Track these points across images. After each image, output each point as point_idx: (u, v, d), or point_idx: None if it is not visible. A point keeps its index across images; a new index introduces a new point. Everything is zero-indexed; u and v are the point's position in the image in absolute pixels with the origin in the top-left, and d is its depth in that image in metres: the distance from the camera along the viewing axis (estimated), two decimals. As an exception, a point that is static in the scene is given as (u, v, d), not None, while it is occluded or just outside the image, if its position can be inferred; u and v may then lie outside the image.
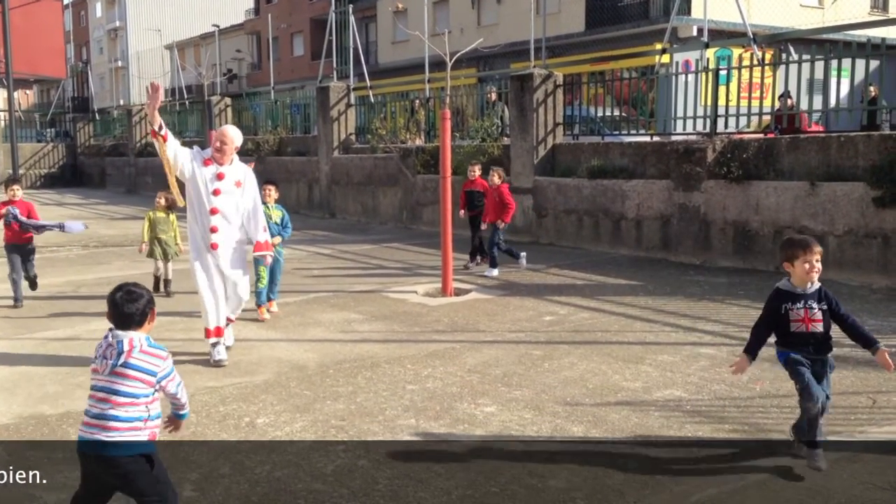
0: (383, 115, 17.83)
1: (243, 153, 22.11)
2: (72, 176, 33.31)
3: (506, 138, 14.53)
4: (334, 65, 20.45)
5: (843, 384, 5.67)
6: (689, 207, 11.05)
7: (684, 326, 7.46)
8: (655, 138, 12.78)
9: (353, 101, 18.87)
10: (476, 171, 11.04)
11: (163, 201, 9.43)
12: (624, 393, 5.59)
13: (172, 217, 9.47)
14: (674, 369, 6.12)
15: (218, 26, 31.33)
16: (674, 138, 12.13)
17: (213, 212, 6.44)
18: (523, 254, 10.82)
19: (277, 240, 8.10)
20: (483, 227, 10.80)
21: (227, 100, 24.35)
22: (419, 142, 16.67)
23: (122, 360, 3.32)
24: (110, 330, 3.41)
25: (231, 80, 48.59)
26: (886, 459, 4.37)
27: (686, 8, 25.10)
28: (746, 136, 11.26)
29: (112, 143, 31.69)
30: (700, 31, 22.02)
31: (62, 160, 33.67)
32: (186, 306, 8.35)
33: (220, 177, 6.45)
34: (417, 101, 17.58)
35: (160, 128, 6.15)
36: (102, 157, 31.98)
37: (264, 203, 7.73)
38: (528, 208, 13.57)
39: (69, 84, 48.16)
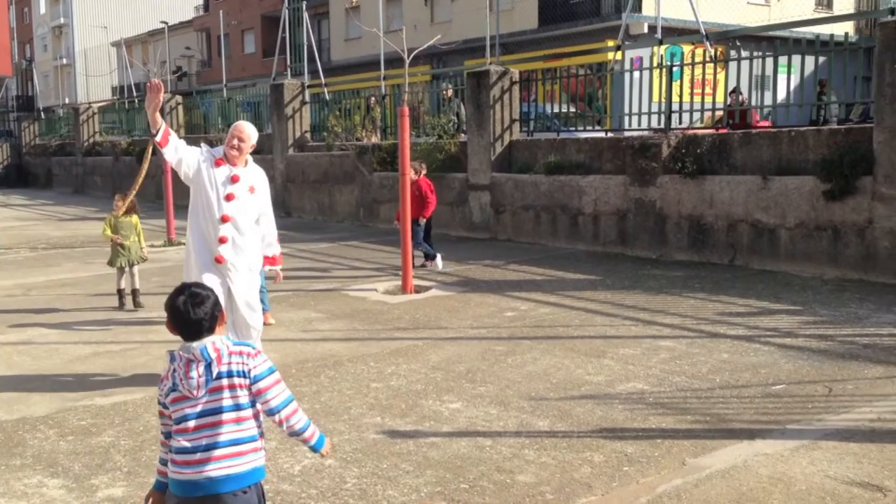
0: (338, 113, 17.71)
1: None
2: (17, 176, 32.54)
3: (462, 135, 14.54)
4: (288, 62, 20.25)
5: (800, 373, 5.80)
6: (645, 202, 11.18)
7: (644, 320, 7.55)
8: (610, 134, 12.90)
9: (307, 98, 18.72)
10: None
11: (121, 204, 8.71)
12: (587, 387, 5.63)
13: (134, 219, 8.74)
14: (635, 362, 6.18)
15: (167, 23, 30.75)
16: (628, 134, 12.26)
17: (225, 219, 5.61)
18: (440, 255, 10.62)
19: None
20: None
21: (178, 98, 23.96)
22: (375, 139, 16.60)
23: (216, 371, 2.75)
24: (180, 348, 2.81)
25: (181, 77, 47.85)
26: (844, 447, 4.47)
27: (637, 6, 25.38)
28: (700, 132, 11.42)
29: (59, 143, 31.01)
30: (651, 28, 22.32)
31: (6, 160, 32.89)
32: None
33: (234, 180, 5.63)
34: (373, 99, 17.50)
35: (157, 133, 5.41)
36: (48, 157, 31.28)
37: None
38: (485, 205, 13.60)
39: (12, 83, 46.94)
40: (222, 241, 5.61)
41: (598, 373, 5.95)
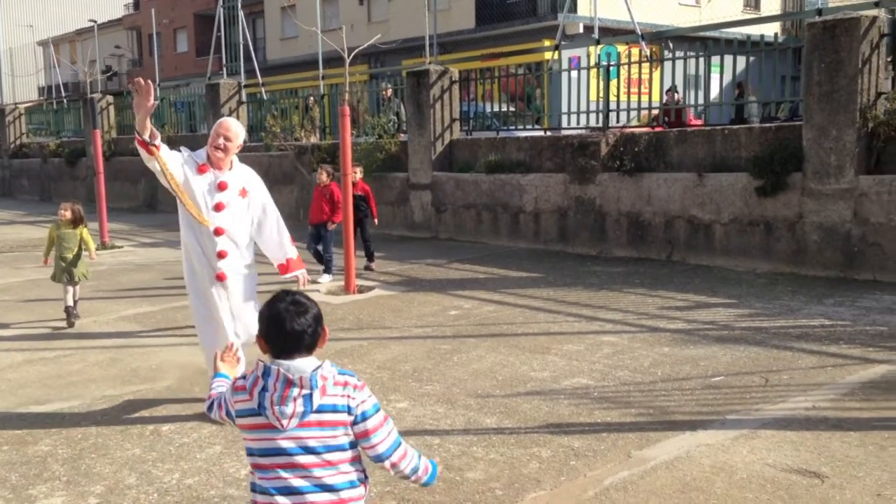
0: (276, 113, 17.51)
1: (126, 153, 21.51)
2: (-62, 180, 31.26)
3: (403, 135, 14.52)
4: (223, 61, 19.94)
5: (738, 365, 5.94)
6: (584, 200, 11.33)
7: (586, 316, 7.65)
8: (549, 133, 13.03)
9: (244, 98, 18.46)
10: (357, 173, 10.21)
11: (68, 214, 7.89)
12: (533, 383, 5.68)
13: (80, 231, 7.93)
14: (579, 358, 6.26)
15: (95, 22, 30.00)
16: (567, 133, 12.40)
17: (219, 232, 5.03)
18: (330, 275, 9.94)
19: None
20: (374, 225, 10.48)
21: (109, 98, 23.39)
22: (314, 139, 16.46)
23: (318, 402, 2.30)
24: (272, 361, 2.38)
25: (111, 77, 46.70)
26: (781, 435, 4.59)
27: (573, 6, 25.70)
28: (637, 130, 11.62)
29: (-17, 145, 29.93)
30: (587, 28, 22.62)
31: (-72, 163, 31.56)
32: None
33: (221, 187, 5.01)
34: (312, 98, 17.35)
35: (151, 137, 4.72)
36: (-28, 160, 30.15)
37: None
38: (426, 204, 13.60)
39: (-68, 82, 45.17)
40: (221, 255, 5.07)
41: (542, 369, 6.00)
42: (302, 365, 2.34)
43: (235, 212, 5.11)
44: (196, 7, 43.51)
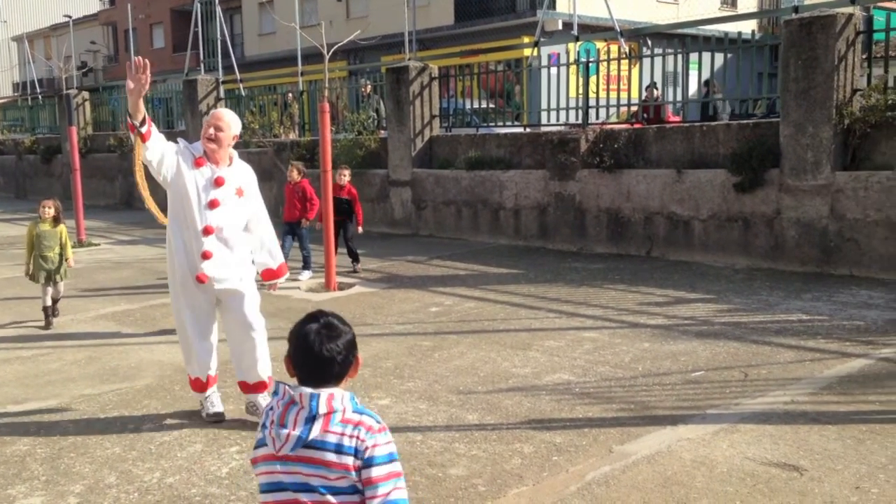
0: (255, 109, 17.41)
1: (103, 150, 21.31)
2: None
3: (383, 131, 14.49)
4: (201, 57, 19.79)
5: (717, 360, 5.99)
6: (564, 196, 11.36)
7: (567, 312, 7.68)
8: (529, 130, 13.05)
9: (222, 94, 18.33)
10: (345, 176, 10.04)
11: (52, 211, 7.63)
12: (515, 379, 5.69)
13: (60, 229, 7.71)
14: (560, 354, 6.28)
15: (70, 17, 29.67)
16: (546, 129, 12.42)
17: (208, 231, 4.68)
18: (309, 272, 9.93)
19: None
20: (359, 229, 10.23)
21: (85, 94, 23.15)
22: (293, 136, 16.38)
23: (315, 433, 2.07)
24: (292, 387, 2.16)
25: (86, 73, 46.22)
26: (761, 429, 4.63)
27: (552, 3, 25.75)
28: (616, 127, 11.67)
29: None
30: (566, 25, 22.68)
31: None
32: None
33: (217, 182, 4.69)
34: (291, 95, 17.26)
35: (143, 122, 4.44)
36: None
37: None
38: (406, 201, 13.58)
39: None
40: (206, 256, 4.69)
41: (524, 365, 6.01)
42: (318, 390, 2.11)
43: (229, 211, 4.77)
44: (173, 2, 43.15)
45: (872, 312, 7.23)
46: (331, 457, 2.06)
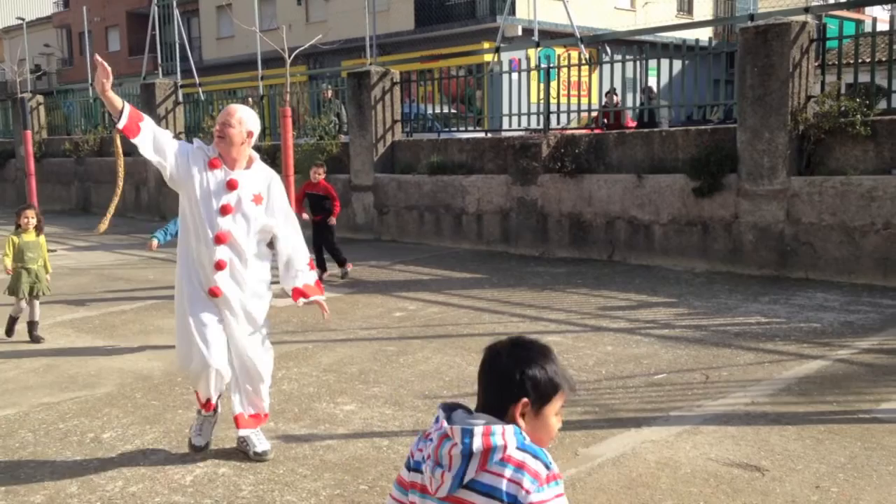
0: (214, 114, 17.24)
1: (58, 154, 20.92)
2: None
3: (344, 136, 14.44)
4: (158, 60, 19.56)
5: (679, 362, 6.07)
6: (527, 201, 11.43)
7: (530, 316, 7.72)
8: (490, 135, 13.11)
9: (180, 98, 18.13)
10: (320, 173, 10.01)
11: (33, 220, 7.19)
12: (480, 383, 5.69)
13: (42, 240, 7.30)
14: (525, 357, 6.29)
15: (24, 19, 29.10)
16: (508, 134, 12.50)
17: (220, 239, 4.19)
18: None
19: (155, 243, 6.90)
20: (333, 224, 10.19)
21: (40, 97, 22.73)
22: (254, 140, 16.24)
23: (471, 475, 1.80)
24: (450, 411, 1.91)
25: (40, 77, 45.35)
26: (723, 430, 4.70)
27: (512, 9, 25.91)
28: (577, 132, 11.78)
29: None
30: (526, 31, 22.85)
31: None
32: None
33: (230, 186, 4.20)
34: (251, 99, 17.13)
35: (120, 117, 4.08)
36: None
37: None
38: (369, 206, 13.56)
39: None
40: (219, 266, 4.21)
41: (489, 369, 6.02)
42: (472, 419, 1.83)
43: (243, 218, 4.25)
44: (129, 5, 42.52)
45: (828, 315, 7.38)
46: (483, 500, 1.81)
